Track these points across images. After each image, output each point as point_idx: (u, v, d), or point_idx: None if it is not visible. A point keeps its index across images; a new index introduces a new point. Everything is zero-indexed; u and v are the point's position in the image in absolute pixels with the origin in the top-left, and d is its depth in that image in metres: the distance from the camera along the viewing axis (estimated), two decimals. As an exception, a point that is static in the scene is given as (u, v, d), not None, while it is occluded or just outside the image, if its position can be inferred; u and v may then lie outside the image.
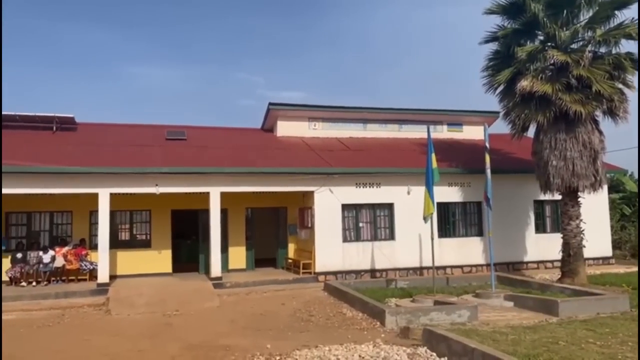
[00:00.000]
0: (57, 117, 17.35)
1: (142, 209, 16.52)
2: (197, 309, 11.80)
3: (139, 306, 12.04)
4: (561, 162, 13.49)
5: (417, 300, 11.51)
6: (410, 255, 15.91)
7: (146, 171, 14.19)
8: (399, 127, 20.10)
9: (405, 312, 9.69)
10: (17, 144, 15.30)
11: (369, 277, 15.54)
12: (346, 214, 15.91)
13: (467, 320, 9.47)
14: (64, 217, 16.14)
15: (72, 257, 15.05)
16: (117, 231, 16.26)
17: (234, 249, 17.00)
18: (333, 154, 17.07)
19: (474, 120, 20.77)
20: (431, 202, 12.21)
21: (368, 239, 16.04)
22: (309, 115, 19.34)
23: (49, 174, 13.48)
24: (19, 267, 14.46)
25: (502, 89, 14.74)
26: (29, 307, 12.28)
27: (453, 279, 14.77)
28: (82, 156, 14.75)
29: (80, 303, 12.53)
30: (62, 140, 16.51)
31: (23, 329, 10.18)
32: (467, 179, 16.72)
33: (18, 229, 15.79)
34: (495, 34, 14.63)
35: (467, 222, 17.12)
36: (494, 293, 11.90)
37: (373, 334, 8.97)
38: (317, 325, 9.97)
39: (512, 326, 8.90)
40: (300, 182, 15.37)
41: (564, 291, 11.80)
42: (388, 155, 17.53)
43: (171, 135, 17.86)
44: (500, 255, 15.27)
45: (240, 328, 9.81)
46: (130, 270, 15.71)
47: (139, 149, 16.09)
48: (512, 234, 16.88)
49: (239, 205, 17.01)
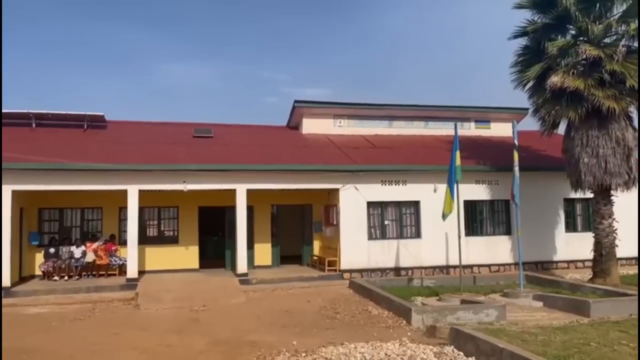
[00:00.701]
0: (88, 116, 17.70)
1: (170, 205, 16.76)
2: (224, 305, 11.93)
3: (166, 301, 12.23)
4: (593, 160, 13.16)
5: (444, 299, 11.41)
6: (436, 253, 15.76)
7: (174, 168, 14.39)
8: (425, 124, 19.90)
9: (431, 311, 9.62)
10: (50, 142, 15.69)
11: (395, 275, 15.46)
12: (372, 212, 15.85)
13: (495, 320, 9.34)
14: (94, 213, 16.48)
15: (102, 252, 15.38)
16: (145, 227, 16.55)
17: (260, 245, 17.11)
18: (358, 152, 17.02)
19: (502, 117, 20.42)
20: (451, 200, 12.10)
21: (394, 236, 15.95)
22: (334, 112, 19.31)
23: (80, 170, 13.78)
24: (51, 261, 14.84)
25: (531, 85, 14.44)
26: (62, 300, 12.62)
27: (480, 278, 14.60)
28: (112, 154, 15.03)
29: (110, 297, 12.81)
30: (93, 138, 16.84)
31: (56, 322, 10.45)
32: (495, 176, 16.46)
33: (51, 224, 16.18)
34: (524, 28, 14.34)
35: (494, 220, 16.86)
36: (523, 292, 11.72)
37: (399, 332, 8.92)
38: (343, 322, 9.98)
39: (541, 326, 8.74)
40: (325, 180, 15.38)
41: (595, 291, 11.54)
42: (414, 153, 17.39)
43: (198, 133, 18.06)
44: (528, 254, 15.02)
45: (266, 324, 9.88)
46: (158, 265, 15.97)
47: (167, 147, 16.32)
48: (541, 233, 16.55)
49: (265, 202, 17.11)
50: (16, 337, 9.14)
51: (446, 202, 12.21)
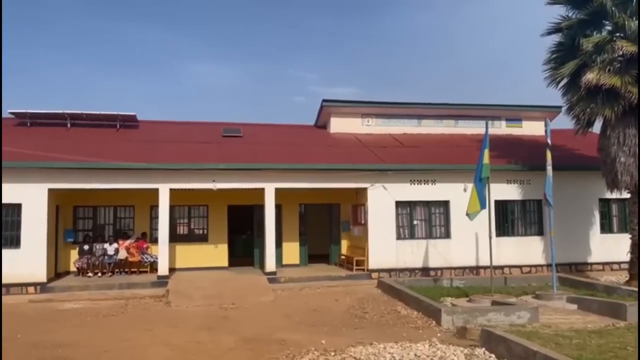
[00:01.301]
0: (120, 115, 18.07)
1: (200, 204, 16.99)
2: (253, 303, 12.02)
3: (196, 299, 12.40)
4: (630, 159, 12.79)
5: (474, 300, 11.25)
6: (466, 254, 15.56)
7: (204, 167, 14.58)
8: (455, 123, 19.66)
9: (462, 312, 9.50)
10: (84, 141, 16.07)
11: (423, 275, 15.32)
12: (400, 211, 15.74)
13: (527, 322, 9.16)
14: (126, 211, 16.84)
15: (134, 249, 15.70)
16: (176, 225, 16.82)
17: (288, 244, 17.19)
18: (387, 151, 16.92)
19: (534, 115, 20.02)
20: (478, 200, 11.89)
21: (422, 236, 15.81)
22: (362, 111, 19.25)
23: (113, 170, 14.08)
24: (85, 258, 15.23)
25: (565, 82, 14.08)
26: (96, 296, 12.92)
27: (511, 279, 14.34)
28: (143, 153, 15.32)
29: (142, 294, 13.05)
30: (125, 137, 17.19)
31: (90, 317, 10.71)
32: (527, 176, 16.15)
33: (85, 222, 16.60)
34: (558, 25, 14.00)
35: (526, 220, 16.55)
36: (556, 294, 11.46)
37: (428, 333, 8.84)
38: (371, 322, 9.93)
39: (576, 330, 8.53)
40: (353, 179, 15.34)
41: (632, 294, 11.18)
42: (443, 152, 17.20)
43: (227, 133, 18.24)
44: (562, 256, 14.68)
45: (294, 323, 9.91)
46: (188, 263, 16.21)
47: (197, 146, 16.54)
48: (575, 234, 16.17)
49: (293, 201, 17.18)
50: (52, 331, 9.41)
51: (471, 202, 12.00)
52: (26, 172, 13.55)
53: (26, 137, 15.95)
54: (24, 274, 13.34)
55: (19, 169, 13.51)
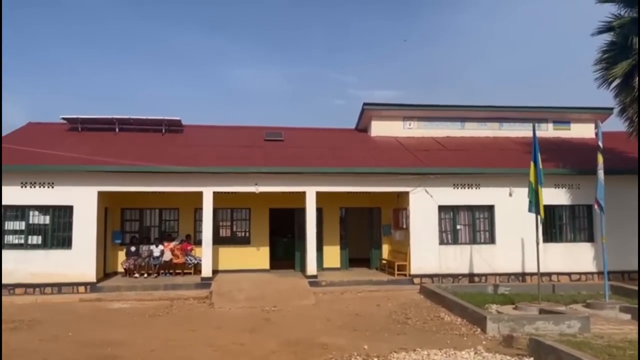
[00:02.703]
0: (166, 120, 18.51)
1: (242, 207, 17.22)
2: (294, 306, 12.07)
3: (239, 301, 12.55)
4: (687, 162, 12.18)
5: (521, 307, 10.94)
6: (511, 260, 15.16)
7: (247, 171, 14.77)
8: (500, 126, 19.19)
9: (508, 320, 9.24)
10: (131, 146, 16.55)
11: (467, 281, 15.01)
12: (443, 216, 15.49)
13: (578, 332, 8.84)
14: (171, 213, 17.23)
15: (178, 251, 16.04)
16: (219, 228, 17.09)
17: (329, 247, 17.19)
18: (429, 154, 16.70)
19: (583, 117, 19.35)
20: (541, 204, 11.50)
21: (466, 242, 15.50)
22: (403, 114, 19.06)
23: (159, 173, 14.44)
24: (132, 259, 15.66)
25: (617, 83, 13.59)
26: (142, 297, 13.27)
27: (559, 286, 13.87)
28: (188, 157, 15.64)
29: (186, 295, 13.32)
30: (170, 141, 17.60)
31: (137, 317, 11.01)
32: (575, 180, 15.60)
33: (132, 224, 17.10)
34: (610, 23, 13.50)
35: (575, 226, 15.98)
36: (608, 303, 11.01)
37: (473, 340, 8.64)
38: (414, 328, 9.80)
39: (629, 340, 8.18)
40: (394, 182, 15.21)
41: (690, 305, 10.62)
42: (488, 155, 16.82)
43: (269, 137, 18.42)
44: (614, 263, 14.06)
45: (336, 327, 9.88)
46: (231, 265, 16.44)
47: (239, 150, 16.77)
48: (628, 240, 15.42)
49: (334, 205, 17.17)
50: (101, 330, 9.71)
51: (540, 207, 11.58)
52: (77, 175, 14.08)
53: (77, 142, 16.56)
54: (75, 274, 13.84)
55: (71, 173, 14.05)
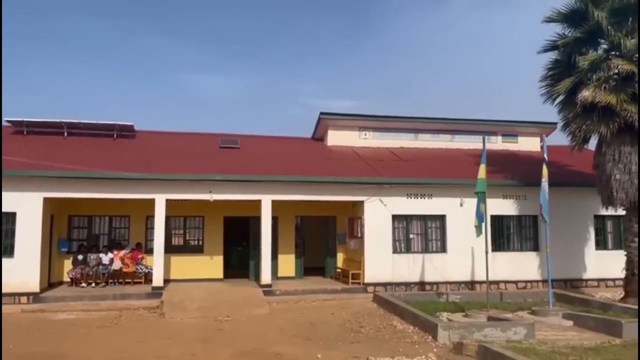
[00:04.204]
0: (118, 125, 18.05)
1: (196, 215, 16.93)
2: (248, 316, 11.94)
3: (191, 310, 12.31)
4: (625, 176, 12.86)
5: (470, 315, 11.23)
6: (462, 268, 15.56)
7: (201, 178, 14.55)
8: (452, 138, 19.75)
9: (458, 327, 9.46)
10: (80, 150, 16.04)
11: (419, 289, 15.28)
12: (396, 225, 15.74)
13: (524, 338, 9.15)
14: (122, 221, 16.75)
15: (128, 260, 15.60)
16: (171, 236, 16.74)
17: (284, 256, 17.12)
18: (384, 164, 16.96)
19: (530, 131, 20.18)
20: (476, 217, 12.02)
21: (419, 250, 15.80)
22: (359, 124, 19.31)
23: (109, 179, 14.03)
24: (79, 268, 15.10)
25: (561, 99, 14.21)
26: (89, 307, 12.81)
27: (507, 294, 14.31)
28: (140, 163, 15.28)
29: (136, 305, 12.95)
30: (122, 147, 17.16)
31: (83, 328, 10.60)
32: (522, 191, 16.20)
33: (79, 231, 16.50)
34: (555, 42, 14.15)
35: (522, 236, 16.58)
36: (552, 311, 11.47)
37: (425, 348, 8.80)
38: (367, 336, 9.88)
39: (572, 346, 8.54)
40: (350, 192, 15.35)
41: (627, 311, 11.21)
42: (440, 166, 17.25)
43: (224, 144, 18.25)
44: (557, 272, 14.62)
45: (290, 336, 9.85)
46: (183, 274, 16.10)
47: (194, 157, 16.52)
48: (570, 250, 16.18)
49: (289, 213, 17.14)
50: (44, 342, 9.31)
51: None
52: (22, 180, 13.49)
53: (22, 146, 15.90)
54: (16, 284, 13.19)
55: (15, 177, 13.42)
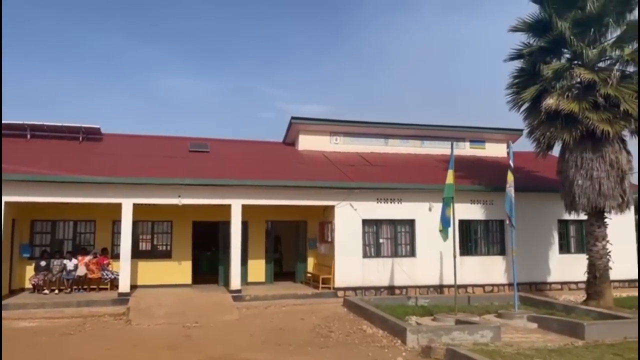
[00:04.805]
0: (84, 128, 17.63)
1: (164, 219, 16.67)
2: (217, 322, 11.81)
3: (158, 317, 12.10)
4: (587, 182, 13.25)
5: (439, 318, 11.36)
6: (430, 272, 15.73)
7: (169, 182, 14.34)
8: (421, 143, 20.00)
9: (426, 331, 9.56)
10: (44, 153, 15.61)
11: (389, 293, 15.39)
12: (367, 230, 15.82)
13: (490, 341, 9.31)
14: (87, 226, 16.36)
15: (94, 266, 15.23)
16: (138, 241, 16.43)
17: (254, 261, 16.99)
18: (354, 169, 17.05)
19: (497, 137, 20.60)
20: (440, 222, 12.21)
21: (388, 255, 15.91)
22: (330, 129, 19.37)
23: (74, 183, 13.69)
24: (42, 274, 14.66)
25: (526, 106, 14.57)
26: (52, 314, 12.44)
27: (474, 298, 14.55)
28: (106, 166, 14.97)
29: (102, 312, 12.64)
30: (88, 150, 16.78)
31: (45, 336, 10.29)
32: (489, 196, 16.51)
33: (42, 237, 16.03)
34: (520, 51, 14.50)
35: (489, 240, 16.88)
36: (517, 313, 11.69)
37: (394, 352, 8.86)
38: (337, 341, 9.89)
39: (536, 348, 8.73)
40: (321, 196, 15.37)
41: (589, 314, 11.53)
42: (410, 171, 17.44)
43: (194, 148, 18.04)
44: (523, 275, 14.98)
45: (259, 342, 9.78)
46: (151, 280, 15.81)
47: (162, 161, 16.28)
48: (535, 254, 16.57)
49: (260, 218, 17.05)
50: (5, 351, 8.97)
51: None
52: (-19, 184, 13.03)
53: (-17, 148, 15.37)
54: (-25, 291, 12.73)
55: (-26, 181, 12.97)
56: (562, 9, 13.68)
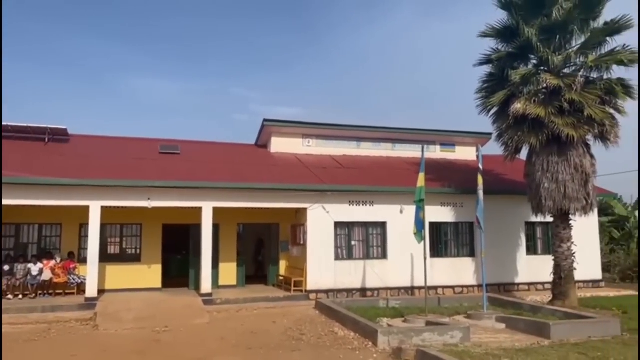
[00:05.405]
0: (50, 129, 17.22)
1: (133, 222, 16.39)
2: (187, 326, 11.64)
3: (127, 322, 11.87)
4: (553, 185, 13.58)
5: (409, 320, 11.45)
6: (402, 274, 15.87)
7: (139, 185, 14.10)
8: (393, 146, 20.17)
9: (397, 332, 9.62)
10: (8, 155, 15.14)
11: (361, 296, 15.45)
12: (339, 232, 15.86)
13: (460, 342, 9.42)
14: (53, 229, 15.96)
15: (59, 270, 14.84)
16: (106, 245, 16.09)
17: (225, 265, 16.84)
18: (326, 172, 17.08)
19: (467, 141, 20.93)
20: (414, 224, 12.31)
21: (360, 257, 15.98)
22: (303, 132, 19.37)
23: (39, 185, 13.34)
24: (5, 279, 14.22)
25: (495, 110, 14.89)
26: (15, 320, 12.04)
27: (445, 299, 14.72)
28: (74, 168, 14.64)
29: (68, 317, 12.33)
30: (54, 151, 16.39)
31: (9, 343, 9.95)
32: (459, 199, 16.76)
33: (6, 240, 15.55)
34: (489, 56, 14.81)
35: (459, 242, 17.12)
36: (486, 314, 11.88)
37: (365, 354, 8.89)
38: (309, 344, 9.87)
39: (504, 348, 8.87)
40: (293, 199, 15.34)
41: (555, 314, 11.79)
42: (381, 174, 17.57)
43: (164, 149, 17.80)
44: (491, 276, 15.22)
45: (230, 346, 9.68)
46: (119, 284, 15.52)
47: (131, 162, 16.01)
48: (503, 255, 16.88)
49: (231, 221, 16.91)
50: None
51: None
52: (-59, 186, 12.58)
53: (-57, 149, 14.84)
54: None
55: None
56: (529, 15, 14.04)
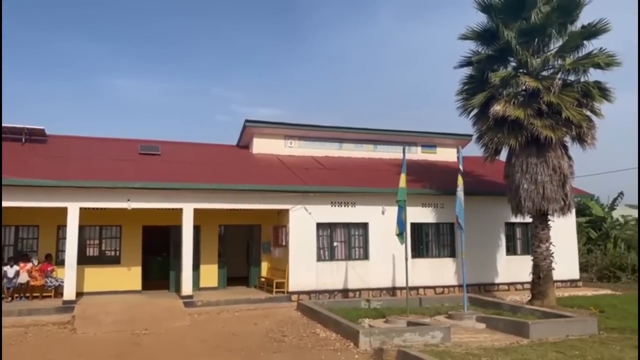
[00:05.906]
0: (27, 129, 16.89)
1: (113, 224, 16.18)
2: (167, 328, 11.53)
3: (106, 325, 11.70)
4: (532, 186, 13.77)
5: (391, 320, 11.50)
6: (383, 275, 15.93)
7: (118, 186, 13.93)
8: (374, 147, 20.25)
9: (379, 333, 9.65)
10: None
11: (343, 296, 15.46)
12: (321, 233, 15.86)
13: (440, 342, 9.49)
14: (29, 231, 15.66)
15: (36, 273, 14.57)
16: (85, 247, 15.84)
17: (206, 266, 16.71)
18: (308, 173, 17.07)
19: (448, 142, 21.11)
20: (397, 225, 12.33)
21: (342, 258, 15.99)
22: (285, 133, 19.34)
23: (16, 186, 13.08)
24: (-20, 282, 13.92)
25: (475, 112, 15.04)
26: (-10, 324, 11.79)
27: (426, 299, 14.80)
28: (51, 169, 14.40)
29: (45, 321, 12.10)
30: (32, 152, 16.10)
31: (-17, 348, 9.75)
32: (440, 200, 16.89)
33: (-20, 243, 15.22)
34: (469, 59, 14.96)
35: (440, 242, 17.24)
36: (466, 314, 11.98)
37: (347, 355, 8.90)
38: (290, 345, 9.85)
39: (484, 348, 8.96)
40: (275, 200, 15.30)
41: (534, 313, 11.94)
42: (363, 175, 17.62)
43: (144, 150, 17.60)
44: (472, 277, 15.39)
45: (211, 348, 9.62)
46: (98, 287, 15.31)
47: (111, 163, 15.80)
48: (483, 256, 17.06)
49: (212, 222, 16.79)
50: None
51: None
52: None
53: None
54: None
55: None
56: (509, 19, 14.23)
